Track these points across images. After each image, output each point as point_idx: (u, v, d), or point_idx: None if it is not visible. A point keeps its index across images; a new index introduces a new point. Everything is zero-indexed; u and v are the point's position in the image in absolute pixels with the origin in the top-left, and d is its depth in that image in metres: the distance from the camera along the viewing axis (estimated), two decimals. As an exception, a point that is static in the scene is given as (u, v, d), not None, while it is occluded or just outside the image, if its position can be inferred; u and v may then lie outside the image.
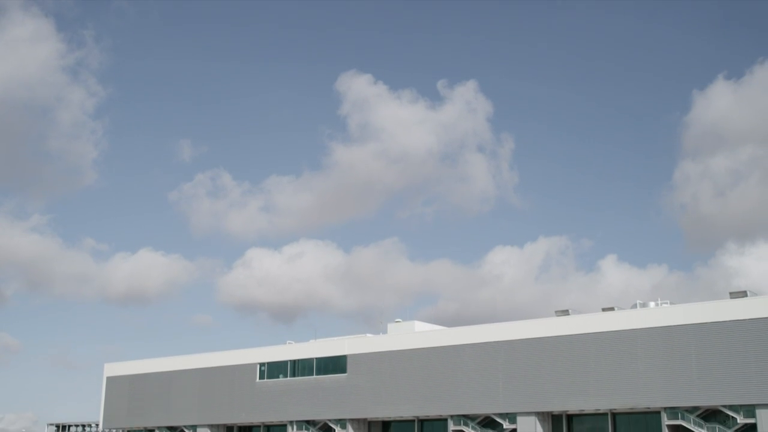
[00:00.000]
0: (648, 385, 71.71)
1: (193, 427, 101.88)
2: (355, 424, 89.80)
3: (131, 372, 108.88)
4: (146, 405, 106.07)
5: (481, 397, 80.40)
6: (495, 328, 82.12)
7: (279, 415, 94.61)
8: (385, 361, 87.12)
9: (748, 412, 67.94)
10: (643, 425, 75.15)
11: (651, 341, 72.07)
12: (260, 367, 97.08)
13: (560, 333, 77.04)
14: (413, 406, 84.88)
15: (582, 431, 78.70)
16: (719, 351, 68.79)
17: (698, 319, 70.46)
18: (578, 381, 75.22)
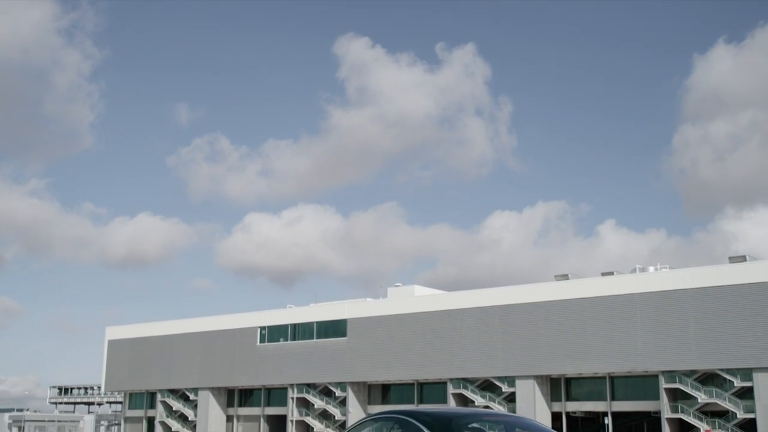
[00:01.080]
0: (646, 349, 72.23)
1: (195, 390, 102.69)
2: (355, 388, 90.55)
3: (132, 335, 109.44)
4: (147, 368, 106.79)
5: (480, 360, 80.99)
6: (494, 292, 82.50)
7: (279, 379, 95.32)
8: (384, 325, 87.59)
9: (745, 376, 68.55)
10: (641, 389, 75.82)
11: (649, 305, 72.44)
12: (261, 331, 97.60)
13: (559, 297, 77.40)
14: (413, 369, 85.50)
15: (580, 394, 79.44)
16: (717, 315, 69.21)
17: (697, 283, 70.82)
18: (577, 345, 75.74)
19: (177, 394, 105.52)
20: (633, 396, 76.42)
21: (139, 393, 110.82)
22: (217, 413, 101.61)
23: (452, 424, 8.81)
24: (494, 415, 10.02)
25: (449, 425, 8.80)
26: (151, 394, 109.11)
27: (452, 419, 8.97)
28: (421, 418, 9.17)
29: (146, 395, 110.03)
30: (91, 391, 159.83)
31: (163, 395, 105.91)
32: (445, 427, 8.78)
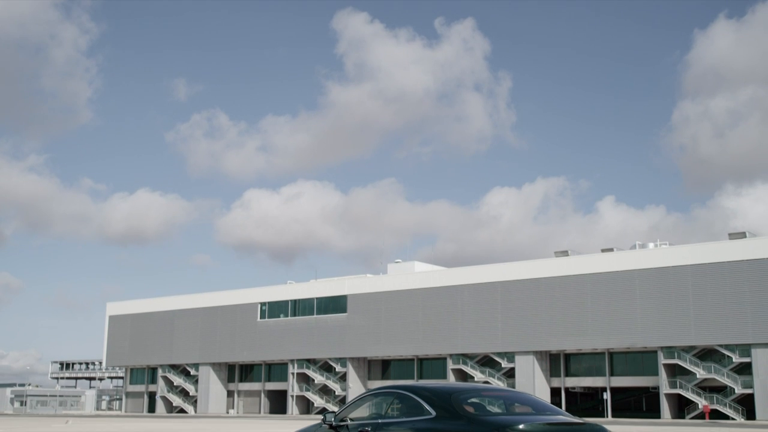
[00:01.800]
0: (645, 325, 72.48)
1: (195, 365, 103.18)
2: (355, 363, 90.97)
3: (133, 311, 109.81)
4: (148, 343, 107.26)
5: (479, 336, 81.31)
6: (494, 268, 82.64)
7: (280, 354, 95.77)
8: (385, 301, 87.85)
9: (743, 352, 68.84)
10: (640, 364, 76.18)
11: (649, 282, 72.60)
12: (261, 307, 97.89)
13: (559, 274, 77.55)
14: (413, 345, 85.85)
15: (579, 370, 79.82)
16: (716, 291, 69.38)
17: (696, 260, 70.92)
18: (576, 321, 76.00)
19: (178, 370, 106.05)
20: (632, 372, 76.80)
21: (140, 368, 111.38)
22: (217, 388, 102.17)
23: (452, 399, 8.84)
24: (494, 390, 10.05)
25: (449, 400, 8.82)
26: (152, 370, 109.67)
27: (452, 394, 8.99)
28: (420, 393, 9.19)
29: (147, 370, 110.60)
30: (93, 366, 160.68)
31: (164, 370, 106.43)
32: (444, 402, 8.80)
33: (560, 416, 8.76)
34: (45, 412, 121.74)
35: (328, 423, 10.05)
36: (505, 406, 9.43)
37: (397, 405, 9.39)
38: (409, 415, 9.02)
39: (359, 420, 9.74)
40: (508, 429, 7.93)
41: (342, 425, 9.85)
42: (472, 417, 8.47)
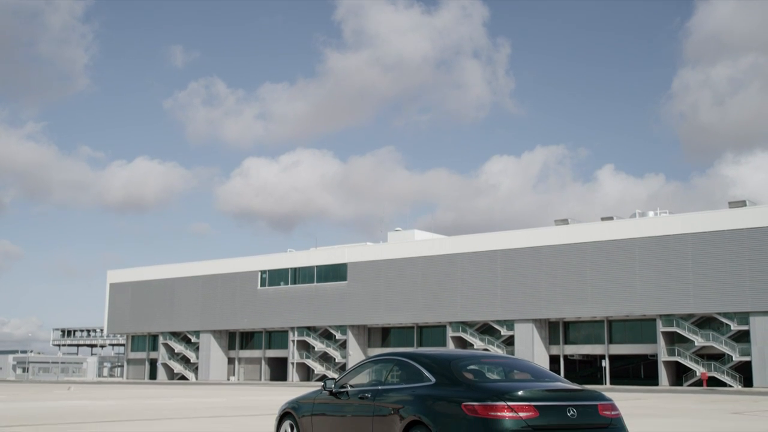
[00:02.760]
0: (644, 293, 72.72)
1: (196, 332, 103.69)
2: (355, 331, 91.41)
3: (134, 279, 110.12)
4: (149, 311, 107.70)
5: (479, 304, 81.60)
6: (494, 236, 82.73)
7: (280, 322, 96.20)
8: (384, 269, 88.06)
9: (742, 320, 69.15)
10: (638, 332, 76.55)
11: (649, 250, 72.72)
12: (261, 275, 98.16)
13: (559, 242, 77.65)
14: (412, 313, 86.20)
15: (578, 338, 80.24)
16: (716, 260, 69.51)
17: (696, 228, 70.98)
18: (575, 289, 76.24)
19: (179, 337, 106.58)
20: (630, 339, 77.19)
21: (141, 335, 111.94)
22: (218, 355, 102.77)
23: (451, 366, 8.88)
24: (493, 358, 10.10)
25: (448, 367, 8.86)
26: (153, 337, 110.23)
27: (451, 361, 9.03)
28: (420, 359, 9.23)
29: (148, 338, 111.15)
30: (94, 333, 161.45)
31: (165, 338, 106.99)
32: (444, 369, 8.84)
33: (559, 383, 8.81)
34: (47, 378, 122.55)
35: (328, 389, 10.11)
36: (504, 373, 9.48)
37: (397, 372, 9.44)
38: (409, 381, 9.07)
39: (359, 386, 9.79)
40: (507, 395, 7.98)
41: (342, 392, 9.91)
42: (471, 384, 8.52)
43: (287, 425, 10.83)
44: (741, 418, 23.52)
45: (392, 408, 8.87)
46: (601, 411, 8.33)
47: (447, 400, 8.31)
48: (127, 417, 22.65)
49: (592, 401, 8.35)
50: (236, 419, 22.21)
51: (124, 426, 18.97)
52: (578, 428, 8.09)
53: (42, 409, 27.27)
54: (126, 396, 41.18)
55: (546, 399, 8.12)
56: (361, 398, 9.49)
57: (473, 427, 7.89)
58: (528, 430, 7.83)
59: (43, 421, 20.65)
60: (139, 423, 20.10)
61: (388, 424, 8.86)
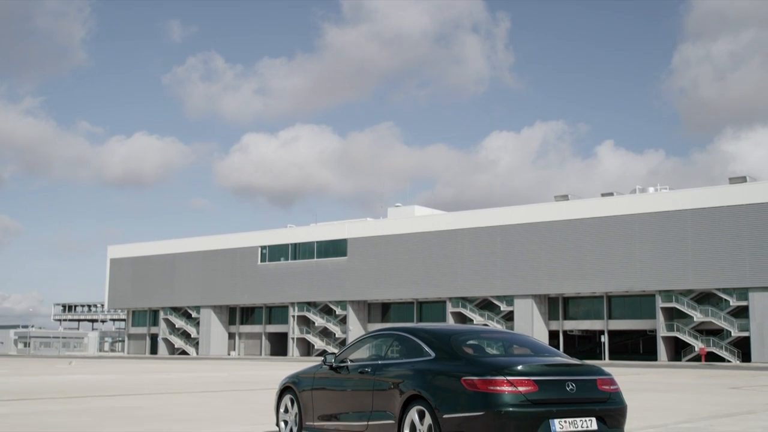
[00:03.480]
0: (644, 269, 72.84)
1: (197, 308, 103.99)
2: (355, 306, 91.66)
3: (134, 254, 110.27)
4: (150, 286, 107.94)
5: (479, 280, 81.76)
6: (494, 212, 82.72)
7: (280, 297, 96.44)
8: (384, 245, 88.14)
9: (741, 295, 69.32)
10: (638, 308, 76.76)
11: (649, 226, 72.74)
12: (261, 250, 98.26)
13: (559, 218, 77.64)
14: (412, 288, 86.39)
15: (577, 313, 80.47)
16: (715, 235, 69.56)
17: (696, 204, 70.96)
18: (575, 265, 76.35)
19: (179, 312, 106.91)
20: (629, 315, 77.42)
21: (142, 311, 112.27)
22: (219, 330, 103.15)
23: (451, 341, 8.91)
24: (493, 332, 10.13)
25: (448, 342, 8.89)
26: (154, 312, 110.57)
27: (451, 336, 9.06)
28: (420, 334, 9.26)
29: (149, 313, 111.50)
30: (95, 308, 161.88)
31: (166, 313, 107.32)
32: (443, 344, 8.88)
33: (558, 357, 8.85)
34: (48, 353, 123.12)
35: (328, 364, 10.15)
36: (503, 348, 9.52)
37: (397, 346, 9.48)
38: (409, 356, 9.11)
39: (359, 361, 9.84)
40: (506, 370, 8.01)
41: (342, 366, 9.96)
42: (470, 358, 8.56)
43: (287, 399, 10.89)
44: (739, 392, 23.66)
45: (392, 382, 8.92)
46: (600, 386, 8.37)
47: (446, 375, 8.35)
48: (129, 391, 22.79)
49: (591, 376, 8.40)
50: (237, 393, 22.34)
51: (126, 400, 19.08)
52: (577, 403, 8.14)
53: (44, 383, 27.43)
54: (127, 371, 41.39)
55: (545, 374, 8.16)
56: (361, 373, 9.53)
57: (472, 402, 7.93)
58: (527, 404, 7.88)
59: (46, 395, 20.78)
60: (142, 397, 20.22)
61: (387, 398, 8.91)
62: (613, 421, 8.31)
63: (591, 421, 8.13)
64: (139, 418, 14.15)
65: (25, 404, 17.61)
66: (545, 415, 7.92)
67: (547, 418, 7.91)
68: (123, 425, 12.96)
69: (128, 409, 16.12)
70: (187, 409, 16.51)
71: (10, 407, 16.62)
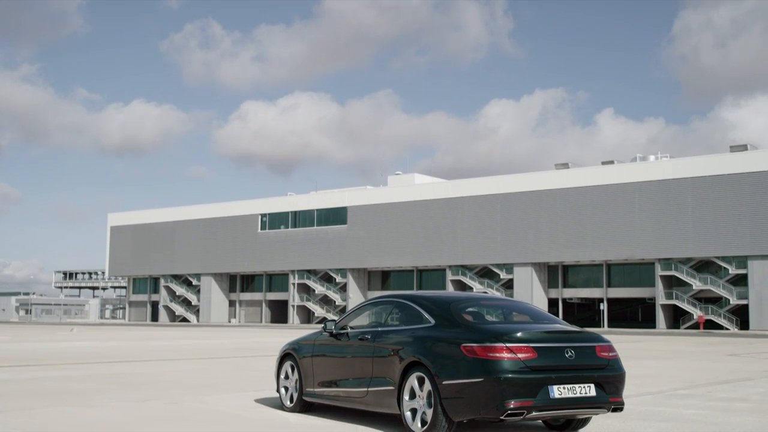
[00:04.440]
0: (643, 237, 72.91)
1: (197, 275, 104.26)
2: (355, 274, 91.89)
3: (135, 222, 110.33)
4: (150, 254, 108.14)
5: (479, 248, 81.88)
6: (494, 180, 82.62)
7: (280, 265, 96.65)
8: (384, 213, 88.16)
9: (740, 263, 69.47)
10: (637, 276, 76.98)
11: (649, 194, 72.70)
12: (261, 218, 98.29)
13: (559, 186, 77.58)
14: (412, 256, 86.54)
15: (577, 281, 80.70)
16: (715, 204, 69.56)
17: (697, 172, 70.85)
18: (575, 233, 76.42)
19: (180, 280, 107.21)
20: (629, 283, 77.65)
21: (143, 278, 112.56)
22: (219, 298, 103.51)
23: (451, 308, 8.92)
24: (492, 300, 10.15)
25: (448, 309, 8.90)
26: (155, 280, 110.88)
27: (451, 303, 9.07)
28: (420, 301, 9.27)
29: (149, 280, 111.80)
30: (95, 276, 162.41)
31: (166, 280, 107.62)
32: (443, 311, 8.88)
33: (557, 324, 8.87)
34: (50, 320, 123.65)
35: (328, 331, 10.17)
36: (503, 315, 9.54)
37: (397, 314, 9.49)
38: (409, 323, 9.12)
39: (359, 328, 9.86)
40: (505, 337, 8.03)
41: (342, 333, 9.98)
42: (470, 325, 8.57)
43: (288, 366, 10.93)
44: (737, 360, 23.78)
45: (392, 349, 8.94)
46: (598, 352, 8.39)
47: (446, 342, 8.37)
48: (130, 358, 22.91)
49: (590, 343, 8.41)
50: (237, 360, 22.46)
51: (127, 366, 19.18)
52: (576, 369, 8.17)
53: (46, 350, 27.56)
54: (129, 337, 41.59)
55: (544, 340, 8.18)
56: (361, 340, 9.56)
57: (472, 368, 7.96)
58: (526, 371, 7.90)
59: (48, 361, 20.89)
60: (143, 364, 20.33)
61: (387, 364, 8.94)
62: (612, 387, 8.34)
63: (589, 388, 8.17)
64: (139, 384, 14.24)
65: (26, 370, 17.70)
66: (544, 381, 7.94)
67: (546, 385, 7.94)
68: (124, 391, 13.04)
69: (129, 376, 16.21)
70: (187, 375, 16.61)
71: (11, 373, 16.71)
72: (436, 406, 8.17)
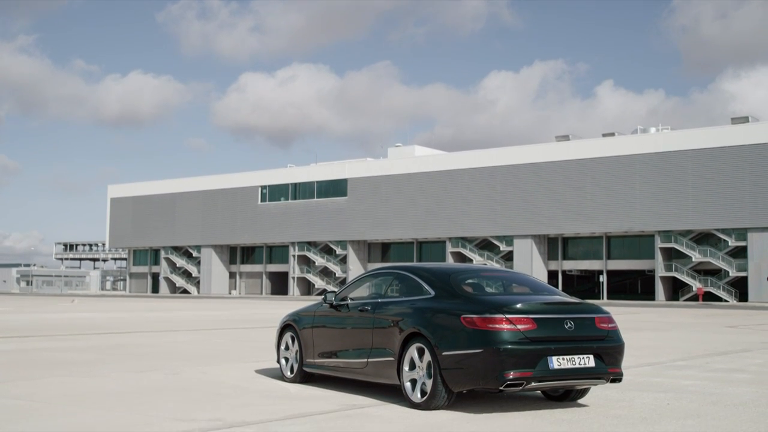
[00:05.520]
0: (644, 209, 72.91)
1: (197, 247, 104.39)
2: (355, 246, 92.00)
3: (135, 194, 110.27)
4: (150, 226, 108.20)
5: (479, 220, 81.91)
6: (495, 152, 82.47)
7: (281, 237, 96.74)
8: (385, 185, 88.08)
9: (740, 236, 69.53)
10: (637, 248, 77.07)
11: (649, 166, 72.60)
12: (262, 190, 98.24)
13: (560, 158, 77.44)
14: (412, 228, 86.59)
15: (576, 253, 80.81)
16: (716, 176, 69.47)
17: (698, 144, 70.69)
18: (575, 205, 76.40)
19: (180, 251, 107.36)
20: (628, 255, 77.77)
21: (143, 250, 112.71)
22: (219, 270, 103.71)
23: (450, 279, 8.94)
24: (492, 271, 10.17)
25: (447, 280, 8.92)
26: (155, 251, 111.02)
27: (451, 274, 9.09)
28: (420, 273, 9.28)
29: (150, 252, 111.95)
30: (96, 247, 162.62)
31: (167, 252, 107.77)
32: (443, 282, 8.90)
33: (557, 296, 8.89)
34: (50, 291, 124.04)
35: (328, 302, 10.20)
36: (503, 287, 9.56)
37: (397, 285, 9.51)
38: (409, 294, 9.14)
39: (359, 299, 9.88)
40: (505, 308, 8.05)
41: (342, 304, 10.01)
42: (470, 296, 8.59)
43: (288, 337, 10.97)
44: (735, 331, 23.87)
45: (392, 320, 8.97)
46: (598, 323, 8.42)
47: (446, 313, 8.39)
48: (131, 329, 23.00)
49: (590, 314, 8.44)
50: (238, 332, 22.55)
51: (128, 337, 19.26)
52: (575, 340, 8.20)
53: (47, 321, 27.67)
54: (130, 309, 41.74)
55: (544, 312, 8.20)
56: (361, 311, 9.58)
57: (471, 339, 7.99)
58: (525, 342, 7.93)
59: (49, 332, 20.97)
60: (143, 335, 20.41)
61: (387, 335, 8.97)
62: (611, 358, 8.38)
63: (588, 359, 8.20)
64: (139, 355, 14.31)
65: (28, 341, 17.78)
66: (543, 352, 7.98)
67: (545, 356, 7.98)
68: (124, 361, 13.10)
69: (130, 347, 16.29)
70: (187, 346, 16.68)
71: (13, 344, 16.79)
72: (436, 376, 8.22)
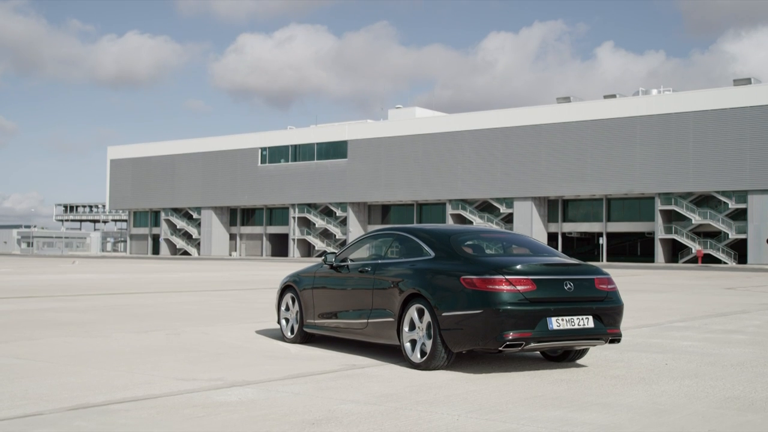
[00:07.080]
0: (644, 171, 72.80)
1: (197, 209, 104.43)
2: (355, 208, 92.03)
3: (134, 155, 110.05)
4: (150, 187, 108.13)
5: (479, 182, 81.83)
6: (495, 114, 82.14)
7: (281, 198, 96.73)
8: (385, 147, 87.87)
9: (740, 198, 69.52)
10: (636, 210, 77.12)
11: (650, 128, 72.36)
12: (261, 152, 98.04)
13: (560, 120, 77.15)
14: (412, 190, 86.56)
15: (576, 216, 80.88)
16: (717, 138, 69.27)
17: (699, 106, 70.37)
18: (575, 167, 76.28)
19: (180, 213, 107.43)
20: (628, 217, 77.84)
21: (143, 211, 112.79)
22: (220, 231, 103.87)
23: (450, 241, 8.95)
24: (492, 233, 10.16)
25: (447, 241, 8.93)
26: (155, 213, 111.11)
27: (451, 236, 9.10)
28: (420, 234, 9.29)
29: (150, 214, 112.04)
30: (96, 209, 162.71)
31: (167, 213, 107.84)
32: (443, 244, 8.91)
33: (556, 257, 8.90)
34: (51, 253, 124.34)
35: (329, 263, 10.22)
36: (503, 248, 9.57)
37: (397, 246, 9.52)
38: (409, 255, 9.16)
39: (359, 260, 9.90)
40: (504, 269, 8.07)
41: (342, 266, 10.03)
42: (470, 258, 8.60)
43: (288, 298, 11.01)
44: (734, 293, 23.98)
45: (392, 281, 9.00)
46: (597, 285, 8.45)
47: (446, 274, 8.41)
48: (132, 290, 23.09)
49: (589, 275, 8.46)
50: (238, 293, 22.64)
51: (129, 298, 19.35)
52: (575, 301, 8.23)
53: (48, 282, 27.77)
54: (130, 270, 41.87)
55: (543, 273, 8.22)
56: (361, 272, 9.60)
57: (471, 300, 8.01)
58: (525, 302, 7.96)
59: (50, 293, 21.06)
60: (144, 296, 20.50)
61: (387, 296, 9.00)
62: (610, 319, 8.42)
63: (588, 320, 8.24)
64: (141, 316, 14.38)
65: (30, 302, 17.86)
66: (543, 313, 8.01)
67: (545, 317, 8.01)
68: (125, 322, 13.17)
69: (130, 307, 16.36)
70: (188, 307, 16.76)
71: (15, 304, 16.86)
72: (436, 337, 8.26)
